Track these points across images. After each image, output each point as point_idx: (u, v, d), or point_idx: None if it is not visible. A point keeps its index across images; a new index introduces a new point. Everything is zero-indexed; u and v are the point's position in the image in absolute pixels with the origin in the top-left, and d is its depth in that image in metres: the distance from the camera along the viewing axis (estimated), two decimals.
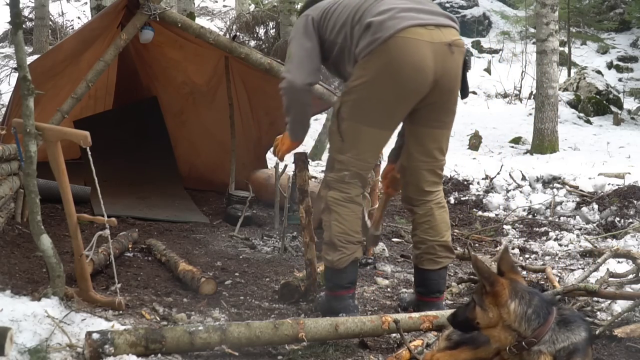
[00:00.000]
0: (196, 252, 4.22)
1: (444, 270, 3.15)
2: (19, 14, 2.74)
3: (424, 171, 3.08)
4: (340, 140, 2.96)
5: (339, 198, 2.98)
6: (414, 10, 2.83)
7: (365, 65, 2.85)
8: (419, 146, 3.05)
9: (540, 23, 9.53)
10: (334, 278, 3.05)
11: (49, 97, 4.46)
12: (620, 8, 17.72)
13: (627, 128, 11.65)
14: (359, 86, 2.87)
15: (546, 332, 2.16)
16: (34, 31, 12.32)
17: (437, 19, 2.86)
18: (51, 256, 2.76)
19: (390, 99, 2.87)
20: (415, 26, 2.78)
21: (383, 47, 2.78)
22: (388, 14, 2.80)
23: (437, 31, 2.83)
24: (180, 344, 2.45)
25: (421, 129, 3.02)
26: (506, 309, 2.18)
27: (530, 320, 2.17)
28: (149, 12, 4.60)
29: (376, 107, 2.88)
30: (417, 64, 2.79)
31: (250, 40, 12.23)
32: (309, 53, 3.02)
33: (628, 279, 3.58)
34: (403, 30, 2.76)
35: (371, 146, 2.99)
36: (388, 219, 5.47)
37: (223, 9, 17.78)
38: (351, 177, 2.96)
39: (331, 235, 2.99)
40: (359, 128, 2.92)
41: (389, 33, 2.76)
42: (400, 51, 2.77)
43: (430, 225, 3.10)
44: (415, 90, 2.85)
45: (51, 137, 2.79)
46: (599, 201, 5.74)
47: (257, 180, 5.63)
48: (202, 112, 5.98)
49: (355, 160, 2.95)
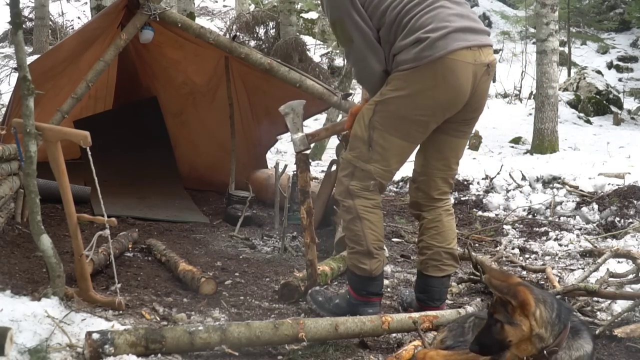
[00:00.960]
0: (196, 252, 4.22)
1: (447, 278, 3.14)
2: (19, 14, 2.74)
3: (438, 179, 3.08)
4: (368, 149, 2.91)
5: (368, 205, 2.95)
6: (461, 30, 2.80)
7: (408, 78, 2.82)
8: (437, 153, 3.05)
9: (540, 23, 9.53)
10: (369, 286, 3.02)
11: (49, 97, 4.45)
12: (620, 8, 17.72)
13: (627, 128, 11.65)
14: (397, 98, 2.84)
15: (565, 339, 2.10)
16: (34, 31, 12.33)
17: (480, 39, 2.85)
18: (51, 256, 2.76)
19: (426, 115, 2.86)
20: (463, 49, 2.77)
21: (430, 66, 2.76)
22: (439, 32, 2.75)
23: (479, 52, 2.83)
24: (180, 344, 2.45)
25: (442, 137, 3.00)
26: (533, 317, 2.08)
27: (554, 325, 2.09)
28: (149, 12, 4.60)
29: (412, 122, 2.87)
30: (459, 88, 2.81)
31: (250, 40, 12.23)
32: (370, 39, 2.89)
33: (628, 279, 3.59)
34: (452, 52, 2.75)
35: (399, 157, 2.97)
36: (388, 219, 5.47)
37: (223, 9, 17.79)
38: (374, 186, 2.95)
39: (367, 243, 2.95)
40: (391, 140, 2.89)
41: (439, 54, 2.74)
42: (447, 72, 2.77)
43: (438, 232, 3.08)
44: (451, 109, 2.87)
45: (51, 137, 2.79)
46: (599, 201, 5.73)
47: (257, 180, 5.63)
48: (202, 112, 5.98)
49: (382, 171, 2.93)
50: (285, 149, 8.85)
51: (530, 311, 2.08)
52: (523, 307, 2.08)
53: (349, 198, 2.96)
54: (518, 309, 2.08)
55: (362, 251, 2.96)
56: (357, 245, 2.97)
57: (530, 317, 2.08)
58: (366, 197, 2.95)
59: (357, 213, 2.94)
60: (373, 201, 2.97)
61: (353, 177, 2.96)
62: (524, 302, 2.08)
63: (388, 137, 2.89)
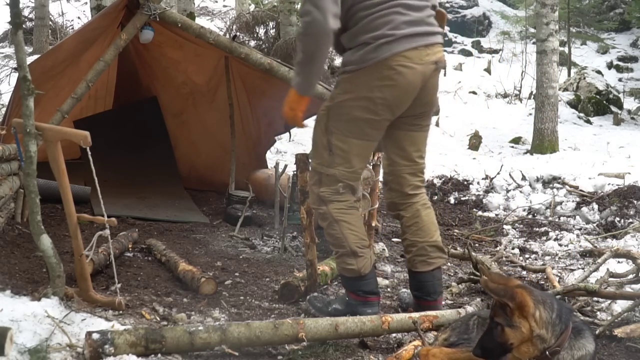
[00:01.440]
0: (196, 252, 4.22)
1: (438, 271, 3.14)
2: (19, 14, 2.74)
3: (407, 175, 3.09)
4: (329, 153, 2.93)
5: (342, 207, 2.97)
6: (409, 36, 2.80)
7: (353, 80, 2.85)
8: (398, 150, 3.08)
9: (540, 23, 9.53)
10: (362, 285, 3.03)
11: (49, 97, 4.46)
12: (620, 8, 17.72)
13: (627, 128, 11.65)
14: (347, 101, 2.87)
15: (567, 339, 2.10)
16: (34, 31, 12.31)
17: (427, 39, 2.86)
18: (51, 256, 2.76)
19: (377, 114, 2.87)
20: (408, 50, 2.79)
21: (374, 68, 2.79)
22: (385, 39, 2.77)
23: (425, 51, 2.85)
24: (180, 344, 2.45)
25: (399, 132, 3.04)
26: (533, 318, 2.09)
27: (555, 326, 2.10)
28: (149, 12, 4.60)
29: (365, 121, 2.89)
30: (406, 86, 2.83)
31: (250, 40, 12.22)
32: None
33: (628, 279, 3.59)
34: (396, 54, 2.77)
35: (361, 157, 2.99)
36: (388, 219, 5.47)
37: (223, 9, 17.78)
38: (344, 188, 2.96)
39: (349, 244, 2.96)
40: (349, 141, 2.91)
41: (383, 56, 2.77)
42: (391, 73, 2.79)
43: (419, 227, 3.10)
44: (400, 106, 2.90)
45: (51, 137, 2.79)
46: (599, 201, 5.74)
47: (257, 180, 5.63)
48: (202, 112, 5.98)
49: (347, 172, 2.94)
50: (285, 149, 8.84)
51: (529, 312, 2.08)
52: (521, 308, 2.08)
53: (322, 205, 2.98)
54: (516, 311, 2.08)
55: (346, 252, 2.98)
56: (340, 248, 2.99)
57: (529, 318, 2.08)
58: (338, 200, 2.96)
59: (333, 217, 2.96)
60: (346, 202, 2.98)
61: (321, 183, 2.97)
62: (522, 303, 2.08)
63: (346, 140, 2.91)
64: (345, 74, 2.90)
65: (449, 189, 6.63)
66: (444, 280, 3.92)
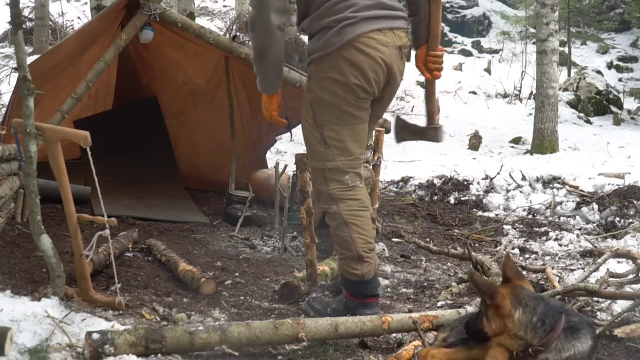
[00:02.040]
0: (196, 252, 4.22)
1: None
2: (19, 14, 2.74)
3: None
4: (325, 147, 2.89)
5: (355, 207, 2.91)
6: (372, 18, 2.81)
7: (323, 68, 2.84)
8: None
9: (540, 23, 9.54)
10: (364, 289, 2.99)
11: (49, 97, 4.46)
12: (620, 8, 17.74)
13: (627, 128, 11.66)
14: (323, 90, 2.85)
15: (554, 340, 2.13)
16: (34, 31, 12.31)
17: (391, 23, 2.87)
18: (51, 256, 2.76)
19: (357, 96, 2.85)
20: (372, 31, 2.80)
21: (340, 52, 2.79)
22: (347, 21, 2.77)
23: (391, 34, 2.85)
24: (180, 344, 2.45)
25: None
26: (511, 319, 2.16)
27: (536, 328, 2.14)
28: (149, 12, 4.60)
29: (349, 105, 2.86)
30: (375, 67, 2.82)
31: (250, 40, 12.22)
32: None
33: (628, 279, 3.59)
34: (360, 35, 2.78)
35: (357, 142, 2.94)
36: (388, 219, 5.47)
37: (223, 9, 17.77)
38: (352, 180, 2.92)
39: (357, 249, 2.90)
40: (340, 130, 2.88)
41: (347, 38, 2.77)
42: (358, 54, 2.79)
43: None
44: (378, 84, 2.88)
45: (51, 137, 2.78)
46: (599, 201, 5.74)
47: (257, 180, 5.63)
48: (202, 112, 5.98)
49: (348, 161, 2.90)
50: (285, 149, 8.84)
51: (504, 314, 2.17)
52: (497, 308, 2.18)
53: (332, 204, 2.92)
54: (492, 308, 2.19)
55: (352, 256, 2.92)
56: (347, 251, 2.94)
57: (506, 318, 2.17)
58: (350, 197, 2.91)
59: (343, 219, 2.90)
60: (359, 201, 2.93)
61: (327, 181, 2.92)
62: (498, 305, 2.17)
63: (336, 128, 2.88)
64: (313, 63, 2.88)
65: (449, 189, 6.63)
66: (444, 280, 3.93)
